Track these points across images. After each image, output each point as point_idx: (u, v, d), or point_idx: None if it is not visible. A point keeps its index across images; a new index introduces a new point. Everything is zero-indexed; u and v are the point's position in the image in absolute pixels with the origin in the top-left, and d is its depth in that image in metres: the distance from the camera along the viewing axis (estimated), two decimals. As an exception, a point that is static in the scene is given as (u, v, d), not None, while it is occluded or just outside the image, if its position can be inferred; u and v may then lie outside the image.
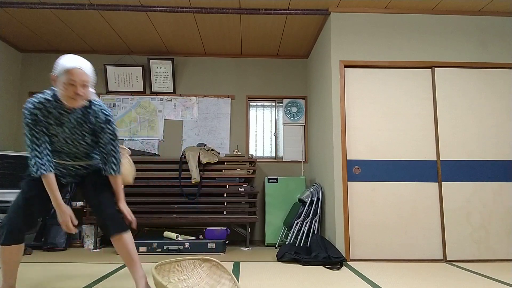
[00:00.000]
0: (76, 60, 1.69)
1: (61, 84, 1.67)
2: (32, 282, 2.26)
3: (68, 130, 1.80)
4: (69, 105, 1.72)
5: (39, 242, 3.46)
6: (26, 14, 3.44)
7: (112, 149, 1.89)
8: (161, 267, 1.90)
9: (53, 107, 1.74)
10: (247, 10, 3.26)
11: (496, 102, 3.23)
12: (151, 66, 4.26)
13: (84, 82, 1.69)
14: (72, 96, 1.67)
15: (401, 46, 3.27)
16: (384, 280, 2.37)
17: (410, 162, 3.14)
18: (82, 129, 1.83)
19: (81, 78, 1.67)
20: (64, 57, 1.70)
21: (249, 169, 3.68)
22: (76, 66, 1.66)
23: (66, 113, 1.77)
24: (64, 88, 1.66)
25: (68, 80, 1.65)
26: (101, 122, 1.84)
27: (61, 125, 1.78)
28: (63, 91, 1.67)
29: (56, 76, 1.68)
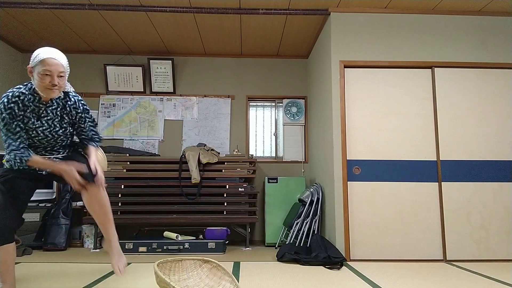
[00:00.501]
0: (51, 50, 1.72)
1: (37, 75, 1.69)
2: (32, 282, 2.26)
3: (46, 123, 1.82)
4: (45, 96, 1.74)
5: (39, 242, 3.46)
6: (26, 14, 3.44)
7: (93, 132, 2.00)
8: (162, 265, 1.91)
9: (29, 100, 1.75)
10: (247, 10, 3.26)
11: (496, 102, 3.23)
12: (151, 66, 4.26)
13: (60, 73, 1.72)
14: (48, 86, 1.70)
15: (401, 46, 3.27)
16: (384, 280, 2.37)
17: (410, 162, 3.14)
18: (62, 121, 1.86)
19: (56, 68, 1.70)
20: (39, 49, 1.73)
21: (249, 169, 3.68)
22: (50, 56, 1.69)
23: (43, 106, 1.79)
24: (40, 78, 1.68)
25: (43, 71, 1.67)
26: (80, 112, 1.91)
27: (39, 118, 1.79)
28: (39, 81, 1.69)
29: (32, 67, 1.71)
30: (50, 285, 2.19)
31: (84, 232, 3.64)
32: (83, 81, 4.30)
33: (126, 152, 3.78)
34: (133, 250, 3.23)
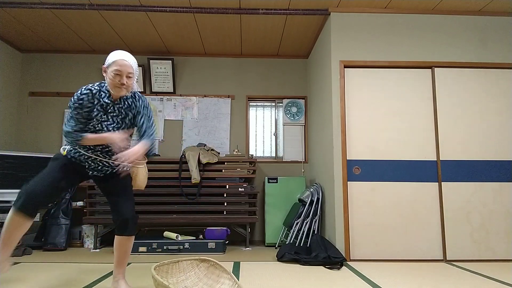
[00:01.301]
0: (123, 53, 1.90)
1: (109, 74, 1.87)
2: (32, 282, 2.26)
3: (112, 119, 1.96)
4: (115, 93, 1.90)
5: (39, 242, 3.46)
6: (26, 14, 3.44)
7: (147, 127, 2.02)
8: (160, 268, 1.91)
9: (100, 95, 1.91)
10: (247, 10, 3.26)
11: (496, 102, 3.23)
12: (151, 66, 4.26)
13: (129, 73, 1.88)
14: (117, 85, 1.86)
15: (401, 46, 3.27)
16: (384, 280, 2.37)
17: (410, 162, 3.14)
18: (125, 118, 2.00)
19: (126, 69, 1.86)
20: (114, 51, 1.92)
21: (249, 169, 3.68)
22: (122, 58, 1.87)
23: (111, 103, 1.94)
24: (112, 77, 1.86)
25: (115, 70, 1.84)
26: (140, 106, 2.02)
27: (106, 113, 1.94)
28: (110, 79, 1.86)
29: (106, 67, 1.89)
30: (50, 285, 2.19)
31: (84, 232, 3.64)
32: (83, 81, 4.30)
33: (126, 152, 3.77)
34: (133, 250, 3.23)
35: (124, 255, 2.01)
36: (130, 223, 1.96)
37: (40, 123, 4.21)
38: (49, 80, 4.29)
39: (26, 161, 3.62)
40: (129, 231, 1.97)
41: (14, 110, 4.17)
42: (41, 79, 4.28)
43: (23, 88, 4.26)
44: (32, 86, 4.27)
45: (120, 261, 2.01)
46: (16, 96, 4.22)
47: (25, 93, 4.25)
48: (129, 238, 1.99)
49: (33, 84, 4.27)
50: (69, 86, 4.28)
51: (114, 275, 2.03)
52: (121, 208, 1.96)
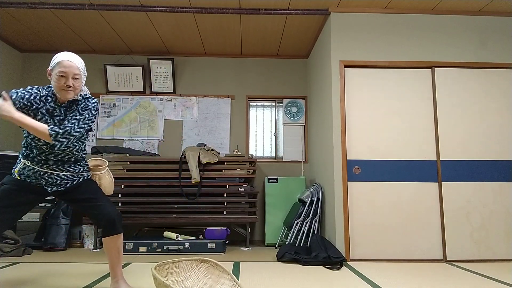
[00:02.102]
0: (67, 54, 1.82)
1: (54, 76, 1.79)
2: (32, 282, 2.26)
3: (58, 122, 1.85)
4: (61, 97, 1.82)
5: (39, 242, 3.46)
6: (26, 14, 3.44)
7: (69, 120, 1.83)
8: (160, 268, 1.91)
9: (47, 99, 1.84)
10: (247, 10, 3.26)
11: (496, 102, 3.23)
12: (151, 66, 4.26)
13: (75, 75, 1.80)
14: (63, 87, 1.79)
15: (401, 46, 3.27)
16: (384, 280, 2.37)
17: (410, 162, 3.14)
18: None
19: (72, 70, 1.79)
20: (59, 53, 1.84)
21: (249, 169, 3.68)
22: (66, 59, 1.79)
23: (57, 107, 1.86)
24: (57, 79, 1.78)
25: (59, 72, 1.77)
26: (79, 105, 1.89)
27: (51, 116, 1.85)
28: (56, 82, 1.79)
29: (50, 69, 1.82)
30: (50, 285, 2.19)
31: (84, 232, 3.64)
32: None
33: (126, 152, 3.78)
34: (133, 250, 3.23)
35: (118, 255, 1.98)
36: (117, 221, 1.93)
37: (40, 123, 4.20)
38: (49, 80, 4.27)
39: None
40: (117, 229, 1.94)
41: (14, 110, 4.17)
42: (41, 79, 4.28)
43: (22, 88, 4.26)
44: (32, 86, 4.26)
45: (115, 262, 1.99)
46: (16, 96, 4.21)
47: (25, 93, 4.24)
48: (119, 236, 1.97)
49: (33, 84, 4.27)
50: (69, 86, 4.27)
51: (112, 277, 2.01)
52: (103, 210, 1.92)
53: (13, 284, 2.20)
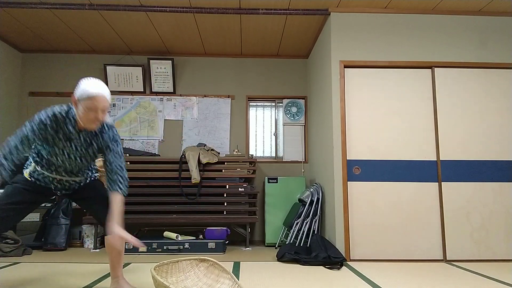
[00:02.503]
0: (98, 86, 1.73)
1: (82, 108, 1.71)
2: (32, 282, 2.26)
3: (75, 147, 1.84)
4: (86, 127, 1.77)
5: (39, 242, 3.46)
6: (26, 14, 3.44)
7: (117, 167, 1.87)
8: (159, 268, 1.90)
9: (66, 123, 1.78)
10: (247, 10, 3.26)
11: (496, 102, 3.23)
12: (151, 66, 4.26)
13: (104, 108, 1.75)
14: (91, 120, 1.73)
15: (401, 46, 3.27)
16: (384, 280, 2.37)
17: (410, 162, 3.14)
18: (90, 148, 1.89)
19: (103, 104, 1.73)
20: (87, 82, 1.73)
21: (249, 169, 3.68)
22: (99, 93, 1.71)
23: (76, 132, 1.82)
24: (85, 112, 1.71)
25: (90, 106, 1.70)
26: (107, 141, 1.88)
27: (69, 140, 1.82)
28: (83, 114, 1.72)
29: (77, 99, 1.72)
30: (50, 285, 2.19)
31: (84, 232, 3.64)
32: (83, 81, 4.30)
33: (126, 152, 3.78)
34: (133, 250, 3.23)
35: (119, 253, 1.99)
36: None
37: (40, 123, 4.20)
38: (49, 80, 4.29)
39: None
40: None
41: (14, 110, 4.17)
42: (41, 79, 4.28)
43: (23, 88, 4.26)
44: (32, 86, 4.27)
45: (116, 261, 2.00)
46: (16, 96, 4.22)
47: (25, 93, 4.25)
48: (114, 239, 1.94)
49: (33, 84, 4.27)
50: (69, 86, 4.28)
51: (113, 276, 2.01)
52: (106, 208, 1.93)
53: (13, 284, 2.20)
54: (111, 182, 1.86)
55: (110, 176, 1.87)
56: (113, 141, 1.89)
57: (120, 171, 1.87)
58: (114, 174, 1.86)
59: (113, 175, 1.86)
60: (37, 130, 1.74)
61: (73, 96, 1.74)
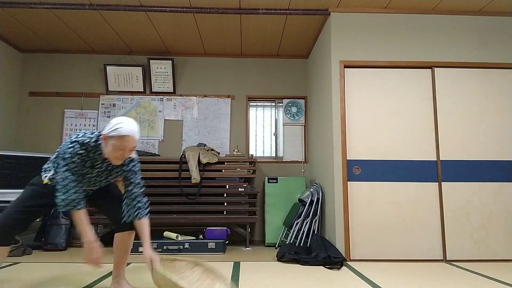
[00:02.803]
0: (131, 127, 1.75)
1: (111, 146, 1.74)
2: (32, 282, 2.26)
3: (96, 173, 1.89)
4: (111, 162, 1.80)
5: (39, 242, 3.46)
6: (26, 14, 3.44)
7: (137, 195, 1.94)
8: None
9: (93, 152, 1.82)
10: (247, 10, 3.26)
11: (496, 102, 3.23)
12: (151, 66, 4.26)
13: (133, 148, 1.79)
14: (117, 158, 1.76)
15: (401, 46, 3.27)
16: (384, 280, 2.37)
17: (410, 162, 3.14)
18: (109, 175, 1.96)
19: (132, 144, 1.76)
20: (119, 121, 1.75)
21: (249, 169, 3.68)
22: (130, 134, 1.73)
23: (101, 161, 1.86)
24: (113, 150, 1.74)
25: (119, 146, 1.73)
26: (127, 171, 1.94)
27: (92, 167, 1.86)
28: (111, 151, 1.74)
29: (108, 136, 1.74)
30: (50, 285, 2.19)
31: (84, 232, 3.64)
32: (83, 81, 4.30)
33: (126, 152, 3.77)
34: (133, 250, 3.22)
35: (125, 253, 2.02)
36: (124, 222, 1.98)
37: (40, 123, 4.21)
38: (49, 80, 4.29)
39: (26, 161, 3.62)
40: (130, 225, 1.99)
41: (14, 110, 4.18)
42: (41, 79, 4.28)
43: (23, 88, 4.26)
44: (32, 86, 4.27)
45: (121, 260, 2.02)
46: (16, 96, 4.22)
47: (25, 93, 4.25)
48: (130, 233, 2.00)
49: (33, 84, 4.27)
50: (69, 86, 4.28)
51: (114, 276, 2.02)
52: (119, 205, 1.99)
53: (13, 284, 2.20)
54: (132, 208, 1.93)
55: (131, 203, 1.94)
56: (132, 173, 1.95)
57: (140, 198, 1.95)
58: (135, 201, 1.94)
59: (134, 202, 1.94)
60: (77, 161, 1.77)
61: (103, 134, 1.76)
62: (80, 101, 4.26)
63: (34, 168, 3.64)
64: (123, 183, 1.98)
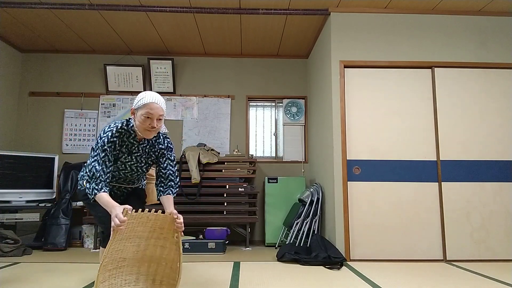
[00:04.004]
0: (153, 95, 1.84)
1: (139, 117, 1.81)
2: (32, 282, 2.26)
3: (135, 158, 1.96)
4: (144, 136, 1.87)
5: (39, 242, 3.46)
6: (26, 14, 3.44)
7: (171, 173, 2.03)
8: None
9: (127, 136, 1.90)
10: (247, 10, 3.26)
11: (496, 102, 3.23)
12: (151, 66, 4.25)
13: (159, 116, 1.84)
14: (147, 128, 1.83)
15: (401, 46, 3.27)
16: (384, 280, 2.37)
17: (410, 162, 3.14)
18: (148, 157, 2.01)
19: (157, 112, 1.82)
20: (143, 92, 1.85)
21: (249, 169, 3.68)
22: (153, 101, 1.82)
23: (136, 143, 1.93)
24: (142, 120, 1.81)
25: (145, 113, 1.80)
26: (163, 148, 2.02)
27: (130, 153, 1.93)
28: (140, 123, 1.82)
29: (135, 109, 1.84)
30: (50, 285, 2.19)
31: (84, 232, 3.64)
32: (83, 81, 4.30)
33: (126, 152, 3.78)
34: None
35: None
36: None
37: (40, 123, 4.21)
38: (49, 80, 4.29)
39: (26, 161, 3.62)
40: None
41: (14, 110, 4.17)
42: (41, 79, 4.28)
43: (23, 88, 4.26)
44: (32, 86, 4.27)
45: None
46: (16, 96, 4.22)
47: (25, 93, 4.25)
48: None
49: (33, 84, 4.27)
50: (69, 86, 4.28)
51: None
52: None
53: (13, 284, 2.20)
54: (164, 186, 2.01)
55: (164, 182, 2.01)
56: (168, 150, 2.04)
57: (173, 177, 2.03)
58: (167, 180, 2.02)
59: (166, 181, 2.02)
60: (107, 149, 1.83)
61: (132, 108, 1.86)
62: (80, 101, 4.26)
63: (34, 168, 3.64)
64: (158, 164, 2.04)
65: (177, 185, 2.05)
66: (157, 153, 2.02)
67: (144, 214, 1.71)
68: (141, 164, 2.00)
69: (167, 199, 1.98)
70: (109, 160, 1.84)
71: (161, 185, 2.01)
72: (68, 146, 4.17)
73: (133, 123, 1.88)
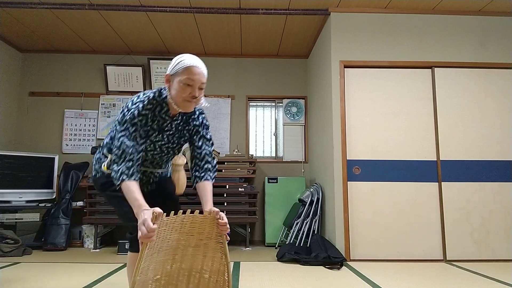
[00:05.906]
0: (195, 58, 1.51)
1: (177, 84, 1.46)
2: (32, 282, 2.26)
3: (167, 138, 1.61)
4: (181, 109, 1.52)
5: (39, 242, 3.46)
6: (26, 14, 3.44)
7: (207, 154, 1.66)
8: None
9: (159, 110, 1.53)
10: (247, 10, 3.26)
11: (496, 102, 3.23)
12: (151, 66, 4.25)
13: (202, 84, 1.53)
14: (187, 98, 1.48)
15: (401, 46, 3.27)
16: (384, 280, 2.37)
17: (410, 162, 3.14)
18: (181, 137, 1.67)
19: (200, 78, 1.50)
20: (182, 55, 1.50)
21: (249, 169, 3.68)
22: (195, 65, 1.48)
23: (169, 119, 1.58)
24: (181, 89, 1.46)
25: (185, 80, 1.46)
26: (198, 125, 1.68)
27: (161, 131, 1.57)
28: (178, 92, 1.47)
29: (171, 74, 1.49)
30: (50, 285, 2.19)
31: (84, 232, 3.64)
32: (83, 81, 4.30)
33: (126, 152, 3.77)
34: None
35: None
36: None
37: (40, 123, 4.20)
38: (49, 80, 4.28)
39: (26, 161, 3.62)
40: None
41: (14, 110, 4.17)
42: (41, 79, 4.28)
43: (23, 88, 4.26)
44: (32, 86, 4.27)
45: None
46: (16, 96, 4.21)
47: (25, 93, 4.25)
48: None
49: (33, 84, 4.27)
50: (69, 86, 4.28)
51: None
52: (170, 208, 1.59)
53: (13, 284, 2.20)
54: (199, 169, 1.63)
55: (199, 164, 1.64)
56: (204, 127, 1.69)
57: (209, 158, 1.67)
58: (203, 161, 1.65)
59: (202, 162, 1.64)
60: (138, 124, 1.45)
61: (167, 74, 1.51)
62: (80, 101, 4.26)
63: (34, 168, 3.64)
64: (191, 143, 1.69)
65: (214, 168, 1.67)
66: (191, 132, 1.67)
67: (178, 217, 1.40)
68: (173, 144, 1.65)
69: (204, 188, 1.58)
70: (140, 136, 1.46)
71: (196, 168, 1.63)
72: (68, 146, 4.17)
73: (166, 93, 1.52)
